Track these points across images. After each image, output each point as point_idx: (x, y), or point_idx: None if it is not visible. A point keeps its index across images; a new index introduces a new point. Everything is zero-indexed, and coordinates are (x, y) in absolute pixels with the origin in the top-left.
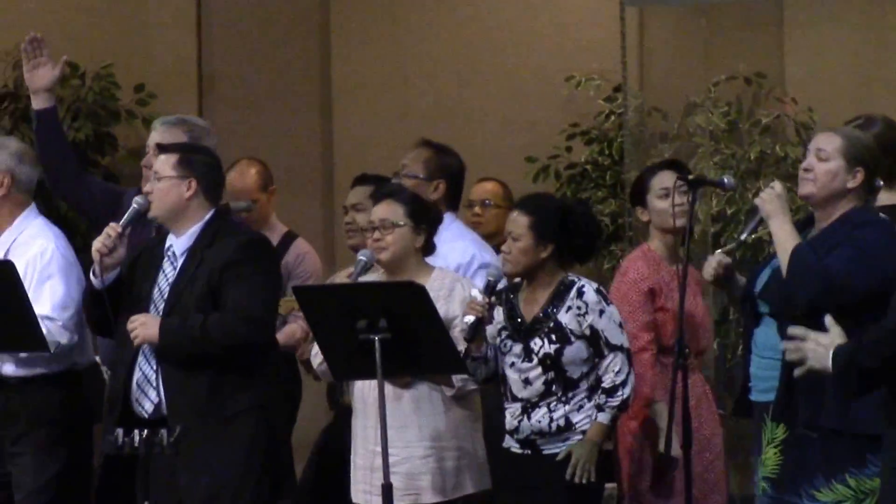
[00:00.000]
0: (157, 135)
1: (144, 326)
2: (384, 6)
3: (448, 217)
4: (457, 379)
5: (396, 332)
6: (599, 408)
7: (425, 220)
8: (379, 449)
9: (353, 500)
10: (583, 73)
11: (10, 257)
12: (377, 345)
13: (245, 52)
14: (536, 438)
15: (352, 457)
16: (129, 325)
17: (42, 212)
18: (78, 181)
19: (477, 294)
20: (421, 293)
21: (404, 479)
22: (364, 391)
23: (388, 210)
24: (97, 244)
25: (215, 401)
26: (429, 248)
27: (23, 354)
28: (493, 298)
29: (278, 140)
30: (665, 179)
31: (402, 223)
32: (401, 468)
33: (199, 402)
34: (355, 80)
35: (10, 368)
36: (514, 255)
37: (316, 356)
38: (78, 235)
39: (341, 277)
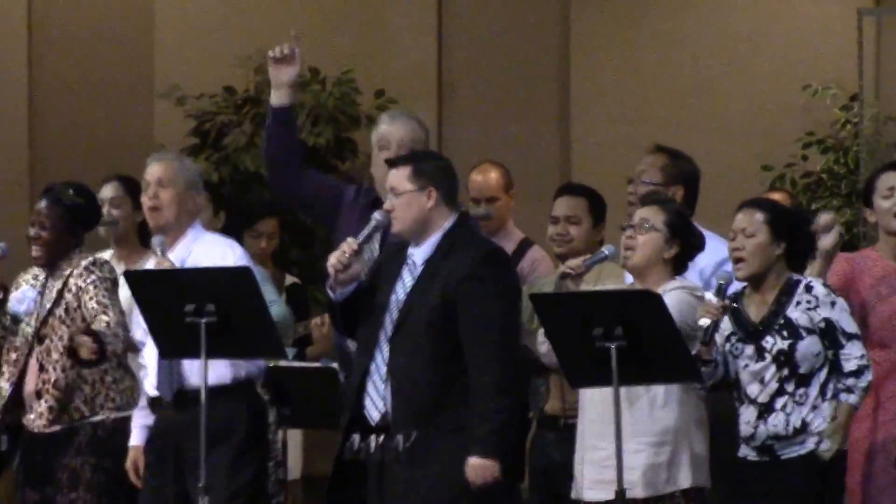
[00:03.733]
0: (393, 128)
1: (483, 468)
2: (623, 14)
3: None
4: None
5: (632, 340)
6: (849, 390)
7: (682, 235)
8: (591, 442)
9: (574, 496)
10: (819, 82)
11: (194, 260)
12: (613, 353)
13: (485, 59)
14: (774, 443)
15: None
16: (474, 487)
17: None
18: (300, 179)
19: (712, 298)
20: (657, 302)
21: (615, 472)
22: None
23: (650, 212)
24: (332, 259)
25: (439, 413)
26: (680, 265)
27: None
28: (726, 301)
29: (516, 147)
30: (891, 179)
31: (658, 228)
32: (611, 461)
33: (422, 414)
34: (593, 88)
35: (197, 379)
36: (750, 252)
37: (541, 336)
38: (318, 242)
39: (542, 285)
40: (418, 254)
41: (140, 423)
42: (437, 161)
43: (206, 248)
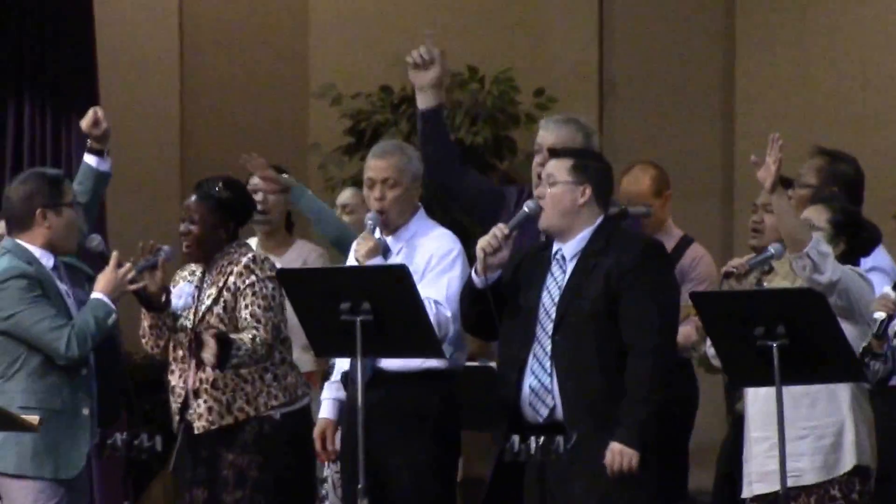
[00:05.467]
0: (547, 133)
1: (621, 455)
2: (789, 9)
3: None
4: None
5: (794, 339)
6: None
7: (847, 233)
8: (755, 435)
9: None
10: None
11: (411, 249)
12: (775, 352)
13: (647, 58)
14: None
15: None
16: (611, 472)
17: (439, 218)
18: (460, 178)
19: (890, 292)
20: (820, 301)
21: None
22: None
23: (813, 213)
24: (482, 242)
25: (611, 406)
26: (850, 261)
27: None
28: None
29: (679, 145)
30: None
31: (821, 227)
32: (776, 451)
33: (594, 408)
34: (758, 84)
35: (390, 362)
36: None
37: (710, 347)
38: (472, 244)
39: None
40: (567, 249)
41: (331, 395)
42: (598, 161)
43: (427, 243)
